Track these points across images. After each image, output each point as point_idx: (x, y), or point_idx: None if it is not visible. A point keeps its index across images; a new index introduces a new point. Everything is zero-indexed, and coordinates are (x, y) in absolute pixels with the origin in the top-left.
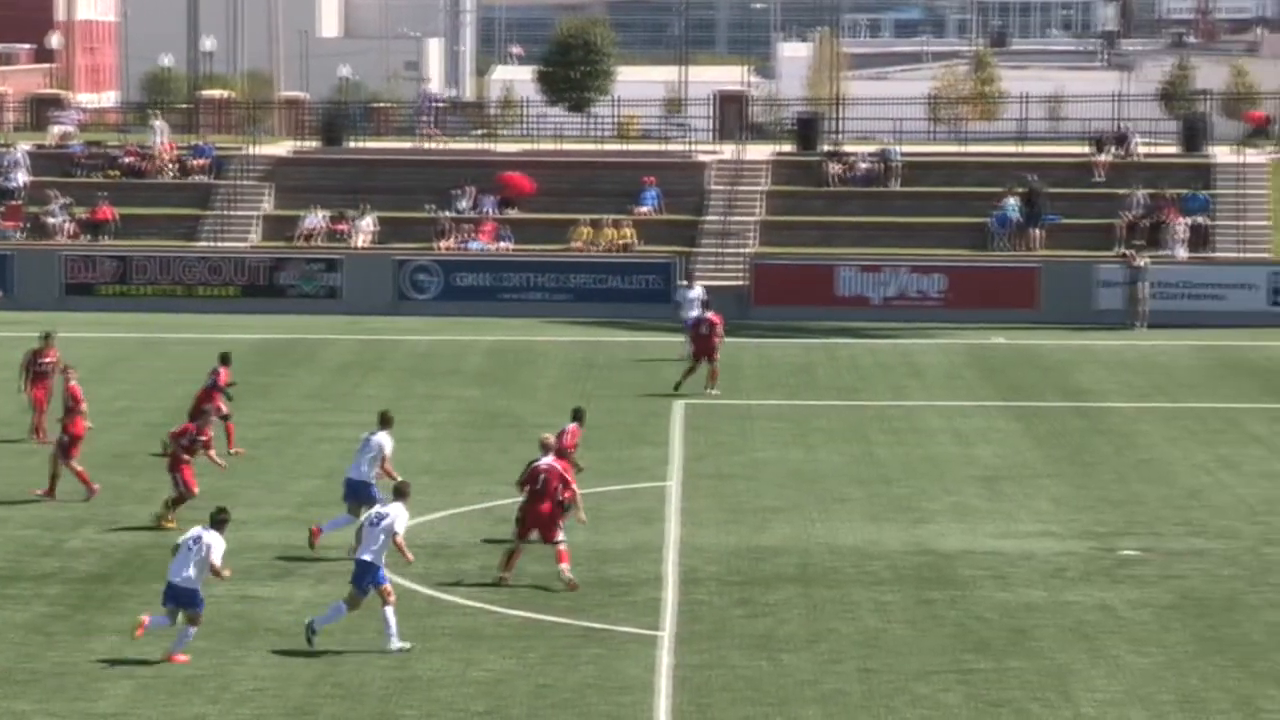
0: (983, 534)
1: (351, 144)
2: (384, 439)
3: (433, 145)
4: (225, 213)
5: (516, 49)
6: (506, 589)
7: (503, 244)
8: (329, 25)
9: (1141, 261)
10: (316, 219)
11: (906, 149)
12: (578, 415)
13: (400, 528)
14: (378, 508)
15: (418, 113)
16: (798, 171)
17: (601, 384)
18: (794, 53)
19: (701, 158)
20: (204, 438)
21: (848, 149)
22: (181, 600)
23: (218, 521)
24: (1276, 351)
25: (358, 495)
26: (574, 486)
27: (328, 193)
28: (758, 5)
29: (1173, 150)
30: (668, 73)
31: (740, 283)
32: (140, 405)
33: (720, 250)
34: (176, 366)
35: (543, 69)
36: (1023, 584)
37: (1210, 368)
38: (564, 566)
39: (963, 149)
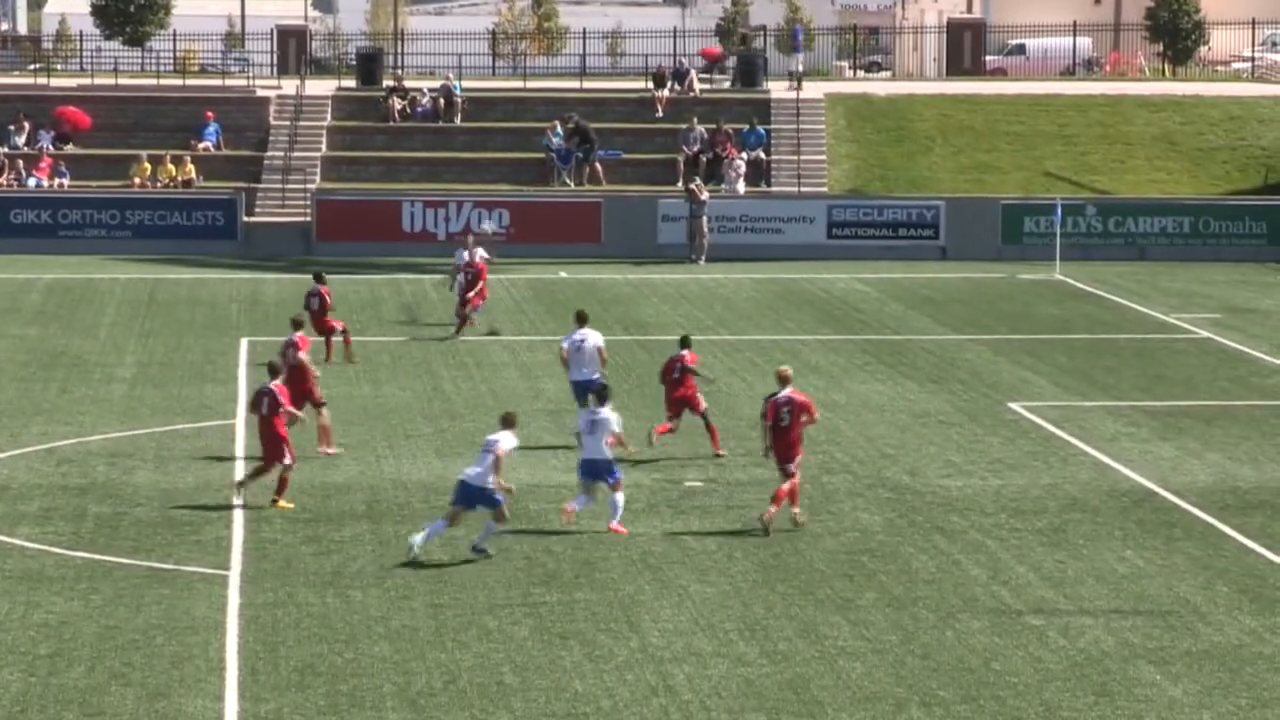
0: (549, 468)
1: None
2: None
3: None
4: None
5: None
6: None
7: (60, 180)
8: None
9: (704, 196)
10: None
11: (468, 84)
12: (685, 342)
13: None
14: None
15: None
16: (360, 107)
17: (164, 322)
18: None
19: (262, 93)
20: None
21: (409, 84)
22: (474, 499)
23: (508, 422)
24: (834, 284)
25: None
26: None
27: None
28: None
29: (730, 86)
30: (227, 6)
31: (304, 219)
32: None
33: (283, 186)
34: None
35: (98, 2)
36: (590, 516)
37: (770, 300)
38: (795, 510)
39: (524, 85)
